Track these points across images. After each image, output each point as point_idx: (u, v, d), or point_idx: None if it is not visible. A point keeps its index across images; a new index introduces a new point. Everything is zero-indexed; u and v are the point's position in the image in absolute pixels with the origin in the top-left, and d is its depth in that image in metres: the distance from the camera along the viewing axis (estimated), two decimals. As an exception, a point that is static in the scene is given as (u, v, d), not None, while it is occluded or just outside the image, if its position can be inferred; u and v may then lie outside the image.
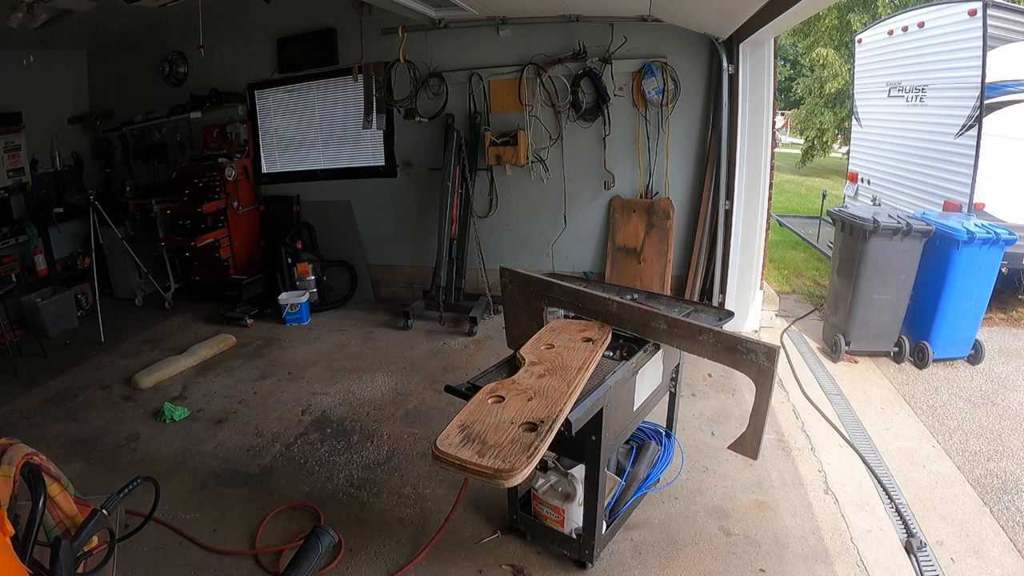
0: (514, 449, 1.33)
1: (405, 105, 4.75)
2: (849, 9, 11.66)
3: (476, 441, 1.35)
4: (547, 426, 1.40)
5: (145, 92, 5.36)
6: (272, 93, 5.20)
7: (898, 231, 3.52)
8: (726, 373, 3.47)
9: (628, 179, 4.55)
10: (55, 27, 3.95)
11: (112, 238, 4.83)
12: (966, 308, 3.62)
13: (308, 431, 3.10)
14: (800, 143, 14.59)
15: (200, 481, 2.69)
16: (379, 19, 4.60)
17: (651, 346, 2.01)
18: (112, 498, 1.41)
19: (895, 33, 5.79)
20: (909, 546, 2.22)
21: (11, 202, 4.83)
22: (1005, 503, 2.50)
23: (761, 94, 3.92)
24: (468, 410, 1.49)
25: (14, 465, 1.30)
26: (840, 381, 3.59)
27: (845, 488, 2.56)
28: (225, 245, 4.99)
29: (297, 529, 2.34)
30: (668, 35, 4.23)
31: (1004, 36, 4.49)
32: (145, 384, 3.60)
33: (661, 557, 2.18)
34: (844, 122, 11.57)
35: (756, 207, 4.11)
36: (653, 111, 4.36)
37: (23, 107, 4.82)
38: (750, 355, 1.77)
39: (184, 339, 4.32)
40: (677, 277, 4.56)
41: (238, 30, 4.97)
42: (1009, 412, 3.25)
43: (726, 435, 2.88)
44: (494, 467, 1.27)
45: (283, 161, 5.37)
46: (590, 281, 4.01)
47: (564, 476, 2.17)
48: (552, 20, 4.33)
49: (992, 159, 4.53)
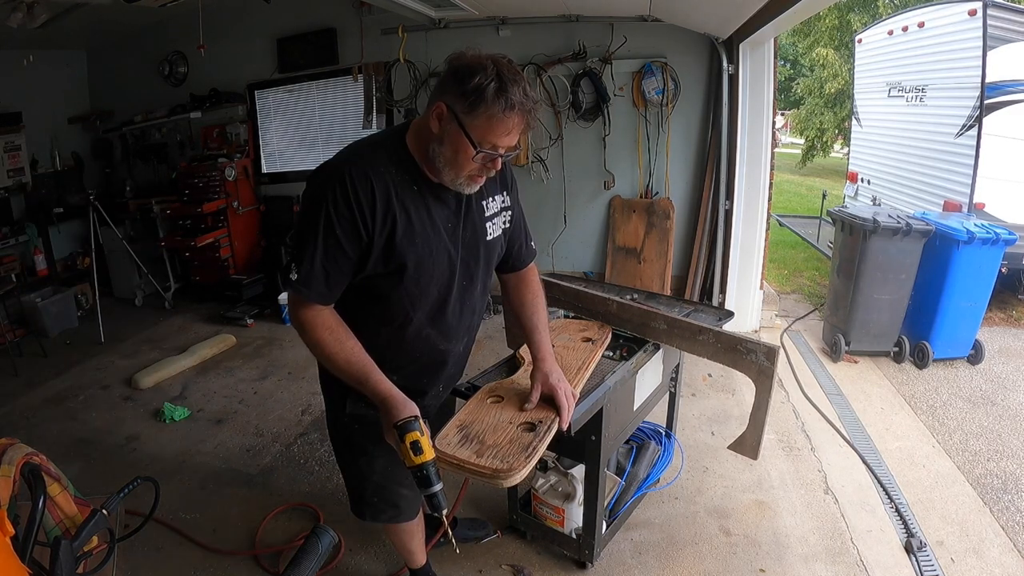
0: (512, 449, 1.33)
1: (405, 105, 4.75)
2: (849, 9, 11.67)
3: (474, 441, 1.35)
4: (545, 426, 1.40)
5: (145, 92, 5.36)
6: (272, 93, 5.20)
7: (898, 231, 3.52)
8: (726, 373, 3.47)
9: (628, 179, 4.55)
10: (55, 27, 3.95)
11: (112, 238, 4.83)
12: (966, 308, 3.62)
13: (308, 431, 3.10)
14: (800, 143, 14.60)
15: (200, 481, 2.69)
16: (379, 19, 4.60)
17: (651, 346, 2.01)
18: (112, 498, 1.41)
19: (895, 33, 5.79)
20: (909, 546, 2.22)
21: (11, 202, 4.82)
22: (1005, 503, 2.50)
23: (761, 94, 3.92)
24: (467, 410, 1.49)
25: (14, 465, 1.30)
26: (840, 381, 3.59)
27: (845, 488, 2.56)
28: (225, 245, 4.99)
29: (297, 529, 2.34)
30: (668, 35, 4.23)
31: (1004, 36, 4.49)
32: (145, 384, 3.60)
33: (661, 557, 2.18)
34: (844, 122, 11.57)
35: (756, 207, 4.11)
36: (653, 111, 4.36)
37: (23, 107, 4.81)
38: (750, 355, 1.77)
39: (184, 339, 4.32)
40: (677, 277, 4.56)
41: (238, 30, 4.97)
42: (1009, 412, 3.25)
43: (726, 435, 2.88)
44: (492, 467, 1.28)
45: (283, 161, 5.37)
46: (590, 281, 4.01)
47: (564, 476, 2.17)
48: (552, 20, 4.33)
49: (992, 159, 4.54)
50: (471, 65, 1.20)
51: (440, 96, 1.24)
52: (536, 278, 1.69)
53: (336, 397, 1.56)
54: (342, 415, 1.55)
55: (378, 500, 1.66)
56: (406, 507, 1.72)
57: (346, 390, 1.49)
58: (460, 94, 1.20)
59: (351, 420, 1.55)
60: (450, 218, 1.40)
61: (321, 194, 1.26)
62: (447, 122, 1.24)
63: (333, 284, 1.30)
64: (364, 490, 1.67)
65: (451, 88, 1.22)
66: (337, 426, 1.62)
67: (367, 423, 1.50)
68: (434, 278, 1.39)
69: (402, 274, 1.34)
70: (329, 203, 1.24)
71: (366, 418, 1.50)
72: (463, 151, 1.24)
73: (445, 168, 1.29)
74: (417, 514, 1.79)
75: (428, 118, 1.27)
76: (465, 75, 1.20)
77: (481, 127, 1.21)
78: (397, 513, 1.71)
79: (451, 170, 1.29)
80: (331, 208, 1.24)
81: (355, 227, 1.27)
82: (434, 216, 1.37)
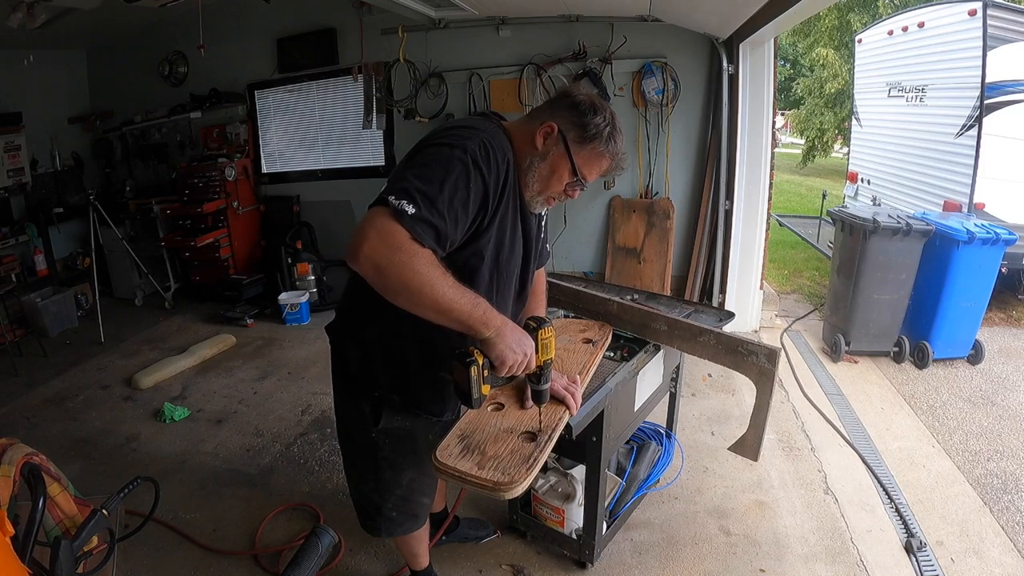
0: (513, 460, 1.32)
1: (405, 105, 4.75)
2: (849, 9, 11.67)
3: (475, 452, 1.34)
4: (546, 436, 1.40)
5: (145, 92, 5.36)
6: (272, 93, 5.20)
7: (898, 231, 3.52)
8: (726, 373, 3.47)
9: (628, 179, 4.55)
10: (55, 27, 3.95)
11: (112, 238, 4.83)
12: (966, 308, 3.62)
13: (308, 431, 3.10)
14: (800, 143, 14.60)
15: (200, 481, 2.69)
16: (379, 19, 4.60)
17: (651, 347, 2.01)
18: (112, 498, 1.41)
19: (895, 33, 5.79)
20: (909, 546, 2.22)
21: (11, 202, 4.82)
22: (1005, 503, 2.50)
23: (761, 94, 3.92)
24: (467, 418, 1.48)
25: (14, 465, 1.30)
26: (840, 381, 3.59)
27: (845, 488, 2.56)
28: (225, 245, 4.99)
29: (297, 529, 2.34)
30: (668, 35, 4.23)
31: (1004, 36, 4.49)
32: (145, 384, 3.60)
33: (661, 557, 2.18)
34: (844, 122, 11.57)
35: (756, 207, 4.11)
36: (653, 111, 4.36)
37: (23, 107, 4.81)
38: (751, 357, 1.77)
39: (184, 339, 4.32)
40: (677, 277, 4.56)
41: (238, 30, 4.97)
42: (1009, 412, 3.25)
43: (726, 435, 2.88)
44: (493, 480, 1.27)
45: (283, 161, 5.37)
46: (590, 281, 4.01)
47: (564, 476, 2.17)
48: (552, 20, 4.33)
49: (992, 159, 4.54)
50: (594, 104, 1.32)
51: (551, 117, 1.32)
52: (544, 279, 1.73)
53: (365, 414, 1.50)
54: (371, 431, 1.51)
55: (397, 513, 1.65)
56: (423, 516, 1.73)
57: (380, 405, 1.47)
58: (577, 124, 1.31)
59: (381, 435, 1.51)
60: (533, 227, 1.48)
61: (463, 146, 1.21)
62: (554, 143, 1.31)
63: (442, 236, 1.19)
64: (383, 504, 1.63)
65: (566, 115, 1.31)
66: (360, 442, 1.56)
67: (398, 437, 1.51)
68: (501, 276, 1.41)
69: (480, 260, 1.33)
70: (470, 161, 1.20)
71: (399, 431, 1.51)
72: (561, 173, 1.33)
73: (535, 182, 1.35)
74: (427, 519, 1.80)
75: (532, 132, 1.32)
76: (587, 110, 1.30)
77: (585, 159, 1.33)
78: (415, 524, 1.72)
79: (539, 185, 1.35)
80: (471, 165, 1.20)
81: (484, 195, 1.24)
82: (527, 218, 1.43)
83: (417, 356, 1.41)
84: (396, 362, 1.43)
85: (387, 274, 1.15)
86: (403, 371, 1.44)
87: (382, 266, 1.14)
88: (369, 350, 1.45)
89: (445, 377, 1.36)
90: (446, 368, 1.33)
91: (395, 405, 1.48)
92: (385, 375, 1.45)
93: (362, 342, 1.45)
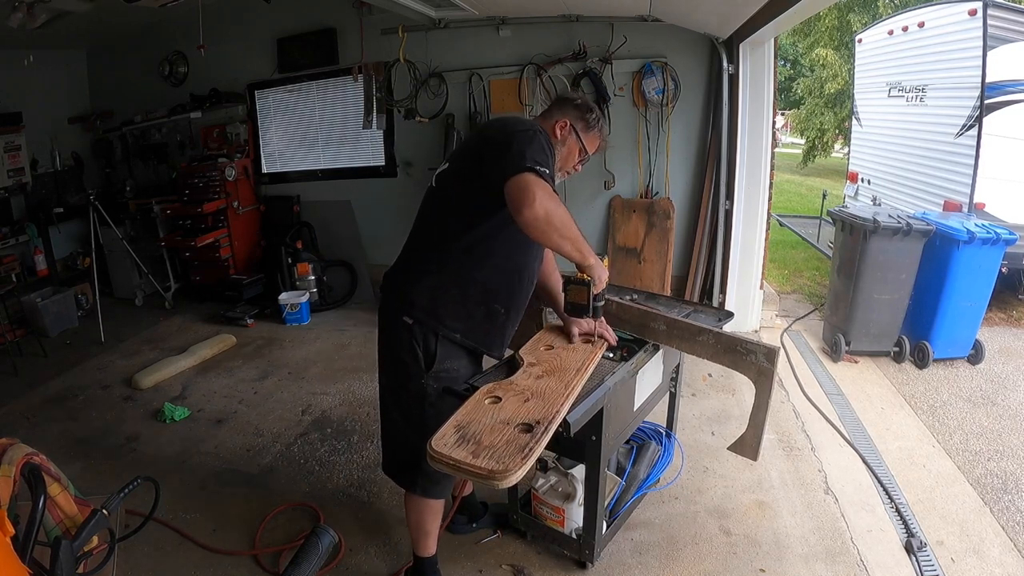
0: (509, 450, 1.32)
1: (405, 105, 4.75)
2: (849, 9, 11.67)
3: (471, 442, 1.35)
4: (543, 427, 1.40)
5: (145, 92, 5.36)
6: (272, 93, 5.20)
7: (898, 231, 3.52)
8: (726, 373, 3.46)
9: (628, 179, 4.55)
10: (55, 27, 3.95)
11: (112, 238, 4.83)
12: (966, 308, 3.62)
13: (308, 431, 3.10)
14: (800, 143, 14.60)
15: (200, 481, 2.69)
16: (379, 19, 4.60)
17: (651, 346, 2.01)
18: (112, 498, 1.41)
19: (895, 33, 5.80)
20: (909, 546, 2.22)
21: (11, 202, 4.83)
22: (1005, 503, 2.50)
23: (761, 94, 3.92)
24: (465, 410, 1.49)
25: (14, 465, 1.30)
26: (840, 381, 3.59)
27: (845, 488, 2.56)
28: (225, 245, 4.99)
29: (297, 529, 2.34)
30: (668, 35, 4.23)
31: (1004, 36, 4.50)
32: (145, 384, 3.60)
33: (661, 557, 2.18)
34: (844, 122, 11.57)
35: (756, 207, 4.11)
36: (653, 111, 4.35)
37: (23, 107, 4.81)
38: (750, 356, 1.77)
39: (184, 339, 4.33)
40: (677, 277, 4.56)
41: (238, 30, 4.96)
42: (1009, 412, 3.25)
43: (726, 435, 2.88)
44: (488, 468, 1.27)
45: (283, 161, 5.37)
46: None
47: (564, 476, 2.17)
48: (552, 20, 4.33)
49: (992, 159, 4.54)
50: (588, 104, 1.86)
51: (562, 115, 1.81)
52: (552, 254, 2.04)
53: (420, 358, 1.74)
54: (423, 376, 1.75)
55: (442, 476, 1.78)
56: (449, 486, 1.94)
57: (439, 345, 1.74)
58: (582, 119, 1.82)
59: (431, 381, 1.75)
60: None
61: (544, 133, 1.66)
62: (568, 133, 1.81)
63: None
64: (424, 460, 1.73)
65: (573, 113, 1.82)
66: (413, 389, 1.77)
67: (444, 386, 1.76)
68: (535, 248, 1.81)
69: None
70: (546, 143, 1.63)
71: (447, 375, 1.77)
72: (575, 153, 1.84)
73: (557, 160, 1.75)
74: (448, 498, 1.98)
75: (551, 126, 1.79)
76: (586, 109, 1.83)
77: (590, 141, 1.85)
78: (446, 487, 1.91)
79: (560, 162, 1.79)
80: (547, 146, 1.62)
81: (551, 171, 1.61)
82: None
83: (478, 295, 1.74)
84: (459, 301, 1.73)
85: (552, 216, 1.48)
86: (465, 310, 1.74)
87: (550, 210, 1.48)
88: (436, 295, 1.73)
89: (498, 310, 1.76)
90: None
91: (456, 341, 1.75)
92: (449, 315, 1.73)
93: (429, 288, 1.73)
